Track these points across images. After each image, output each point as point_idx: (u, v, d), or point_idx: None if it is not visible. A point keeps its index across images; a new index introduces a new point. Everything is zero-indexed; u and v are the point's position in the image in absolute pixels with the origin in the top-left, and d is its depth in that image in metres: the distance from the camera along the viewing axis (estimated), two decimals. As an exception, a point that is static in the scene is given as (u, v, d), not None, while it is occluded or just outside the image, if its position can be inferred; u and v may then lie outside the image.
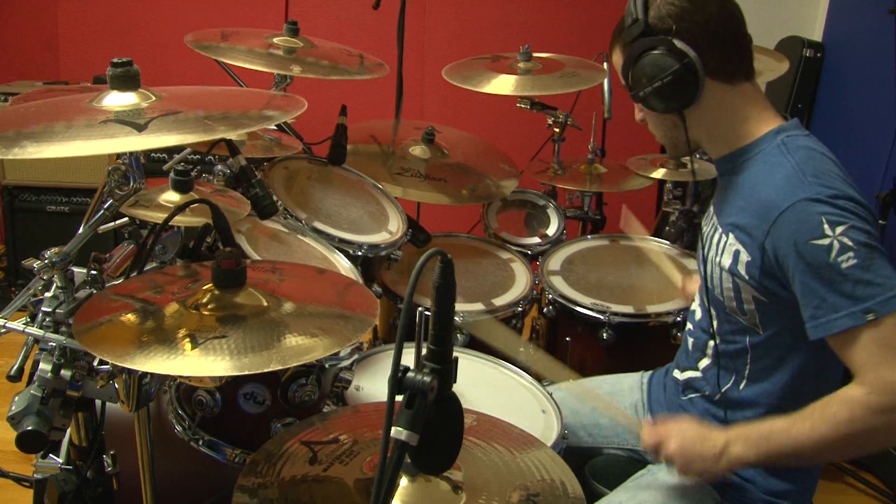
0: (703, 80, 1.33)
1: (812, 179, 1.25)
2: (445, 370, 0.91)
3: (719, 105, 1.37)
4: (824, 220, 1.21)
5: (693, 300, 1.60)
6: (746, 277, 1.32)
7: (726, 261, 1.36)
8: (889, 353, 1.19)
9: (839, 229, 1.20)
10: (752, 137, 1.37)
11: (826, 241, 1.20)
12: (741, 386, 1.42)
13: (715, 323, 1.44)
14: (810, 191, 1.23)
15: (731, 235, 1.36)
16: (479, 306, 2.03)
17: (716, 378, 1.46)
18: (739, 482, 1.42)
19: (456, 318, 1.92)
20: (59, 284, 1.19)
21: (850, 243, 1.19)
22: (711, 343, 1.46)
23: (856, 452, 1.40)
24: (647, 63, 1.33)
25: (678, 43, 1.31)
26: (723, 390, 1.45)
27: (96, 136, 1.01)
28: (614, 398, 1.72)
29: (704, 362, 1.50)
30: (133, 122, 1.04)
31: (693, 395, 1.53)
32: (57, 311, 1.17)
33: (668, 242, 2.36)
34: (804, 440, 1.24)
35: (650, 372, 1.74)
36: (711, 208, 1.50)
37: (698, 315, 1.53)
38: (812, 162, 1.28)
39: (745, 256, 1.32)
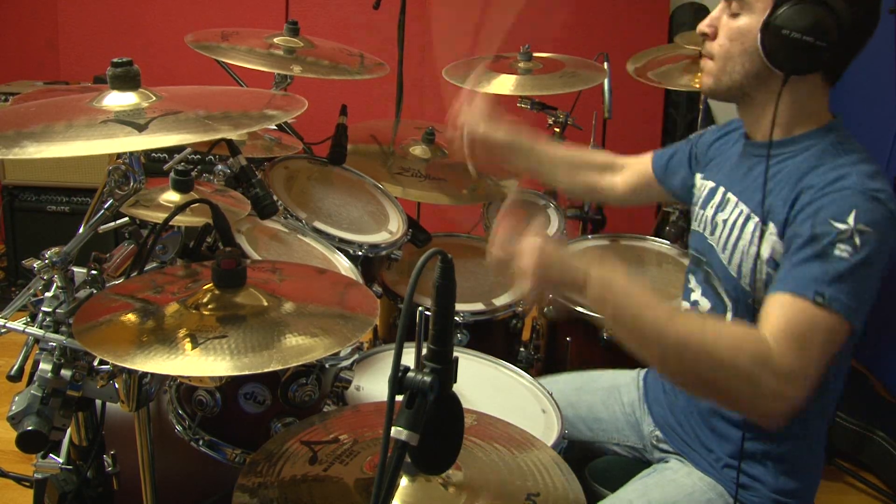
0: (817, 66, 1.27)
1: (867, 179, 1.24)
2: (445, 370, 0.91)
3: (805, 97, 1.33)
4: (855, 211, 1.20)
5: None
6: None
7: (765, 251, 1.32)
8: (801, 339, 1.17)
9: (861, 226, 1.19)
10: (805, 129, 1.35)
11: (842, 227, 1.19)
12: None
13: (730, 314, 1.42)
14: (861, 185, 1.23)
15: (770, 225, 1.32)
16: (479, 306, 2.03)
17: None
18: (749, 482, 1.41)
19: (456, 318, 1.92)
20: (59, 284, 1.19)
21: (858, 243, 1.18)
22: None
23: (693, 387, 1.30)
24: (816, 14, 1.22)
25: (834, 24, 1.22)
26: None
27: (96, 136, 1.01)
28: (611, 394, 1.71)
29: None
30: (133, 122, 1.04)
31: None
32: (57, 311, 1.17)
33: (668, 242, 2.36)
34: (675, 330, 1.19)
35: (645, 370, 1.73)
36: (729, 194, 1.45)
37: (705, 306, 1.49)
38: (866, 165, 1.28)
39: (781, 248, 1.30)
